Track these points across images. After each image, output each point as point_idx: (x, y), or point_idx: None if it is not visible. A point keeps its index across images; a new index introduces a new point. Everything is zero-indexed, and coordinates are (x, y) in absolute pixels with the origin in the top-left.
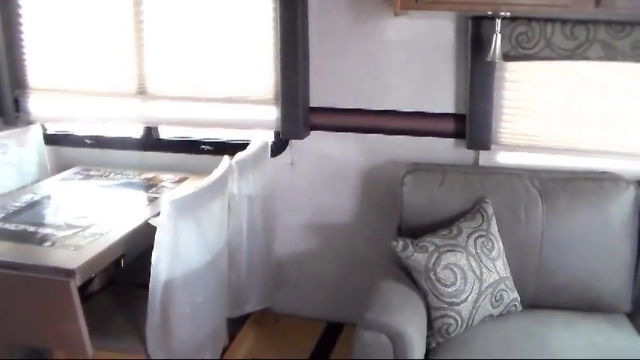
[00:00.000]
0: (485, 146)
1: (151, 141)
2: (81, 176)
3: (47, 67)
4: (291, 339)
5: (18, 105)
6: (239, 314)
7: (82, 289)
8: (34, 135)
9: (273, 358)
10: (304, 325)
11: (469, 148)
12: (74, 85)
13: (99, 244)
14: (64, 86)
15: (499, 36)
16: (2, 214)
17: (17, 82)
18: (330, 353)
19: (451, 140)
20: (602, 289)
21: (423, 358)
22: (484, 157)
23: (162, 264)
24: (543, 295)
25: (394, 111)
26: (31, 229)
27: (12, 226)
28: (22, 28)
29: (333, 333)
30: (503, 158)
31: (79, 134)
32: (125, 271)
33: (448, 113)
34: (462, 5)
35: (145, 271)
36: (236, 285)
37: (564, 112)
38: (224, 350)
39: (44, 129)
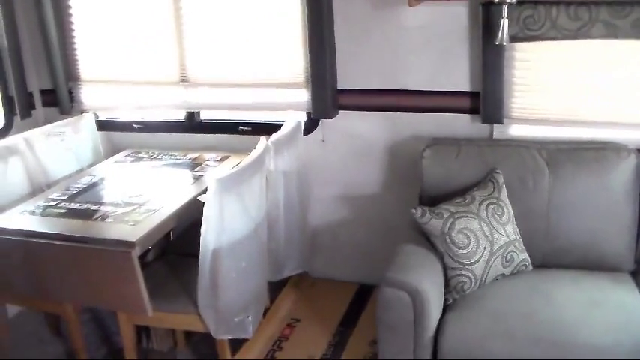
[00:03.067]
0: (499, 120)
1: (193, 124)
2: (132, 158)
3: (97, 60)
4: (326, 300)
5: (72, 96)
6: (278, 278)
7: (140, 259)
8: (87, 122)
9: (310, 317)
10: (338, 287)
11: (484, 122)
12: (122, 75)
13: (153, 219)
14: (112, 77)
15: (506, 21)
16: (67, 195)
17: (70, 74)
18: (362, 312)
19: (467, 116)
20: (605, 249)
21: (440, 312)
22: (498, 131)
23: (210, 235)
24: (551, 256)
25: (414, 90)
26: (94, 207)
27: (77, 205)
28: (73, 26)
29: (364, 294)
30: (515, 131)
31: (127, 120)
32: (175, 243)
33: (464, 91)
34: None
35: (193, 242)
36: (275, 252)
37: (569, 87)
38: (266, 310)
39: (96, 116)
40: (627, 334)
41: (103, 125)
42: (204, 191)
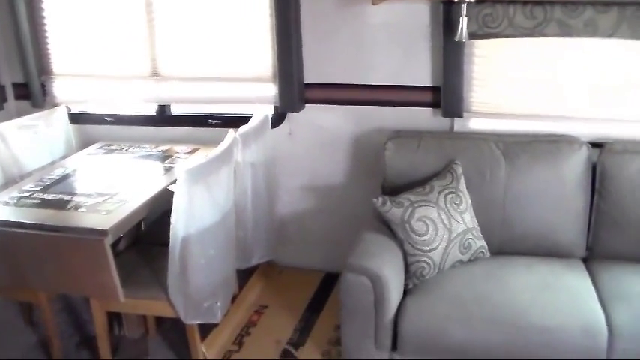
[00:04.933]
0: (458, 114)
1: (164, 117)
2: (104, 151)
3: (69, 54)
4: (293, 287)
5: (44, 89)
6: (246, 266)
7: (112, 248)
8: (60, 115)
9: (277, 304)
10: (305, 275)
11: (444, 116)
12: (94, 69)
13: (125, 209)
14: (84, 71)
15: (465, 19)
16: (40, 186)
17: (43, 68)
18: (328, 299)
19: (429, 110)
20: (558, 237)
21: (400, 296)
22: (458, 124)
23: (179, 223)
24: (508, 244)
25: (378, 85)
26: (67, 198)
27: (50, 196)
28: (45, 20)
29: (330, 281)
30: (475, 124)
31: (99, 113)
32: (146, 232)
33: (425, 86)
34: None
35: (163, 231)
36: (243, 240)
37: (526, 82)
38: (235, 297)
39: (69, 110)
40: (576, 316)
41: (75, 118)
42: (175, 182)
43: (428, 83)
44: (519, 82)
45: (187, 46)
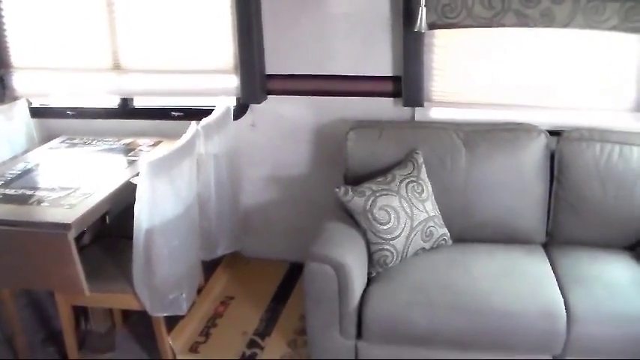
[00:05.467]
0: (419, 104)
1: (127, 110)
2: (66, 145)
3: (29, 47)
4: (259, 278)
5: (4, 83)
6: (212, 257)
7: (76, 242)
8: (20, 109)
9: (243, 295)
10: (270, 266)
11: (405, 105)
12: (55, 62)
13: (89, 202)
14: (45, 64)
15: (424, 9)
16: (2, 182)
17: (2, 61)
18: (293, 289)
19: (390, 99)
20: (519, 224)
21: (364, 285)
22: (419, 113)
23: (143, 215)
24: (469, 231)
25: (340, 75)
26: (29, 192)
27: (12, 191)
28: (3, 12)
29: (295, 272)
30: (435, 114)
31: (61, 107)
32: (111, 226)
33: (386, 76)
34: None
35: (128, 224)
36: (207, 231)
37: (485, 72)
38: (201, 289)
39: (29, 103)
40: (535, 301)
41: (37, 112)
42: (138, 174)
43: (389, 73)
44: (479, 72)
45: (149, 39)
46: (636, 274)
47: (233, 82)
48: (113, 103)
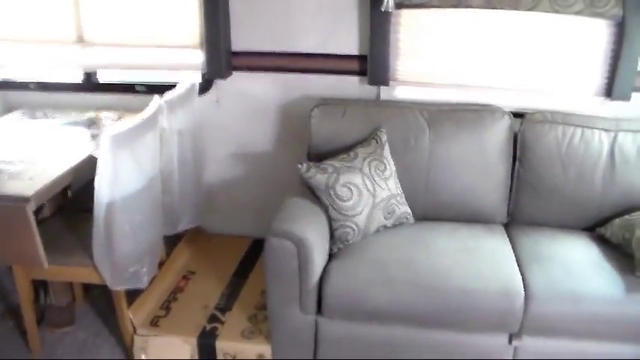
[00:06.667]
0: (384, 82)
1: (90, 84)
2: (27, 117)
3: None
4: (221, 254)
5: None
6: (174, 232)
7: (35, 215)
8: None
9: (204, 270)
10: (233, 241)
11: (371, 84)
12: (16, 34)
13: (49, 175)
14: (5, 35)
15: None
16: None
17: None
18: (255, 265)
19: (356, 78)
20: (481, 203)
21: (325, 260)
22: (384, 92)
23: (104, 189)
24: (432, 210)
25: (307, 53)
26: None
27: None
28: None
29: (257, 248)
30: (400, 93)
31: (23, 80)
32: (72, 200)
33: (353, 54)
34: None
35: (89, 198)
36: (170, 207)
37: (451, 53)
38: (162, 264)
39: None
40: (495, 279)
41: None
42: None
43: (355, 52)
44: (444, 53)
45: (114, 12)
46: (593, 255)
47: (199, 57)
48: (77, 76)
